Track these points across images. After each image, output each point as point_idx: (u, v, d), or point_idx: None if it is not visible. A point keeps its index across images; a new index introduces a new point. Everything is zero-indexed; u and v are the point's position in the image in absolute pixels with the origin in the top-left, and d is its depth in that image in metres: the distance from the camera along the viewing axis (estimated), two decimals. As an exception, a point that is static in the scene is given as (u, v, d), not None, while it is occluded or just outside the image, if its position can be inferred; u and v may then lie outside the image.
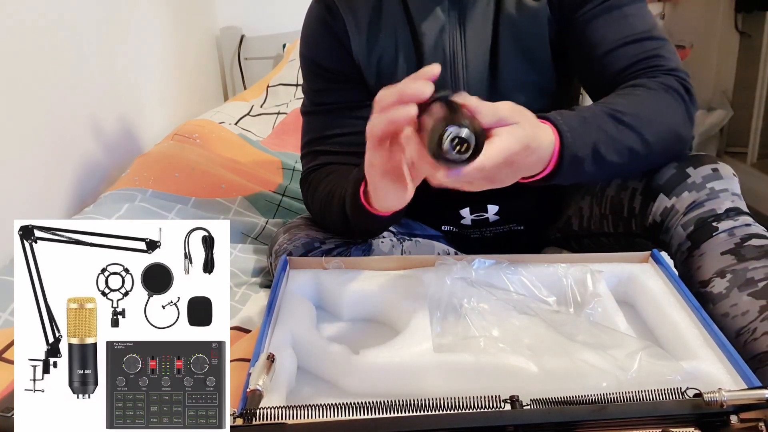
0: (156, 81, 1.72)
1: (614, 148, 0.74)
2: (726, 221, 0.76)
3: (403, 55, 0.90)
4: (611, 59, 0.83)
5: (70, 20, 1.31)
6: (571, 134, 0.70)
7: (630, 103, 0.77)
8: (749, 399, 0.47)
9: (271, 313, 0.72)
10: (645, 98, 0.78)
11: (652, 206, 0.82)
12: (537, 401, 0.50)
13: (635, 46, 0.82)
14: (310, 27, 0.95)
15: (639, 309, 0.78)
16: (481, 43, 0.88)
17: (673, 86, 0.79)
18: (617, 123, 0.74)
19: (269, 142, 1.64)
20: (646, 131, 0.76)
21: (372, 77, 0.93)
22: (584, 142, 0.71)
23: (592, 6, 0.84)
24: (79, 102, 1.32)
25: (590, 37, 0.84)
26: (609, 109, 0.75)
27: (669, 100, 0.78)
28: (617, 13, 0.83)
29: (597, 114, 0.75)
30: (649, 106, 0.77)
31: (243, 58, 2.26)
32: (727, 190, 0.78)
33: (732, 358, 0.62)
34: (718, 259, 0.74)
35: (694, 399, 0.48)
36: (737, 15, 2.59)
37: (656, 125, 0.77)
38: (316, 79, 0.95)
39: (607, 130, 0.74)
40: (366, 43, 0.91)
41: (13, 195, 1.09)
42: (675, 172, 0.80)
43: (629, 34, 0.82)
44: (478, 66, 0.89)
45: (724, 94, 2.71)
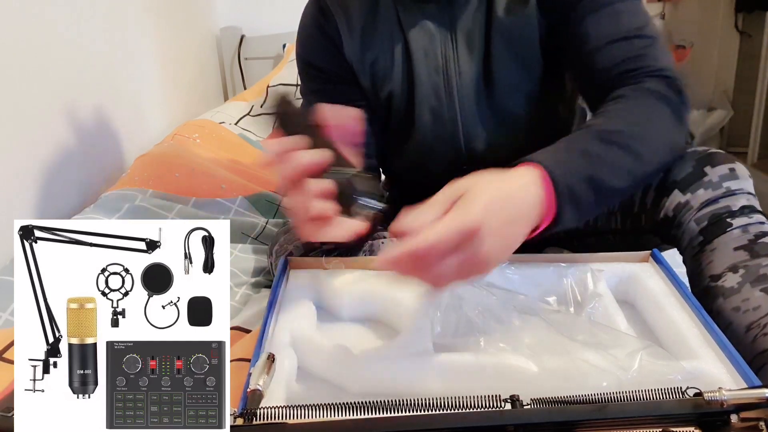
0: (156, 81, 1.72)
1: (611, 172, 0.69)
2: (740, 218, 0.76)
3: (397, 62, 0.90)
4: (599, 58, 0.81)
5: (70, 20, 1.31)
6: (558, 168, 0.63)
7: (616, 121, 0.73)
8: (750, 398, 0.47)
9: (271, 313, 0.72)
10: (630, 112, 0.75)
11: (665, 201, 0.81)
12: (537, 401, 0.50)
13: (623, 44, 0.80)
14: (305, 28, 0.95)
15: (639, 309, 0.78)
16: (473, 49, 0.87)
17: (659, 91, 0.76)
18: (607, 145, 0.69)
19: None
20: (638, 147, 0.71)
21: (366, 80, 0.93)
22: (576, 172, 0.65)
23: (582, 5, 0.82)
24: (79, 102, 1.32)
25: (579, 36, 0.82)
26: (595, 132, 0.71)
27: (656, 108, 0.75)
28: (607, 11, 0.81)
29: (582, 139, 0.70)
30: (636, 120, 0.74)
31: (243, 58, 2.26)
32: (742, 189, 0.78)
33: (732, 357, 0.62)
34: (731, 254, 0.74)
35: (695, 398, 0.48)
36: (737, 15, 2.60)
37: (647, 139, 0.73)
38: (312, 81, 0.96)
39: (598, 154, 0.68)
40: (359, 46, 0.90)
41: (13, 195, 1.09)
42: (692, 170, 0.80)
43: (617, 31, 0.80)
44: (471, 72, 0.88)
45: (724, 94, 2.71)
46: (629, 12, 0.81)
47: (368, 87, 0.93)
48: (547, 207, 0.62)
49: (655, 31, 0.82)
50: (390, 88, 0.92)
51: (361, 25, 0.89)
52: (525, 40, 0.86)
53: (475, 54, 0.87)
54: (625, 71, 0.79)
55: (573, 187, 0.64)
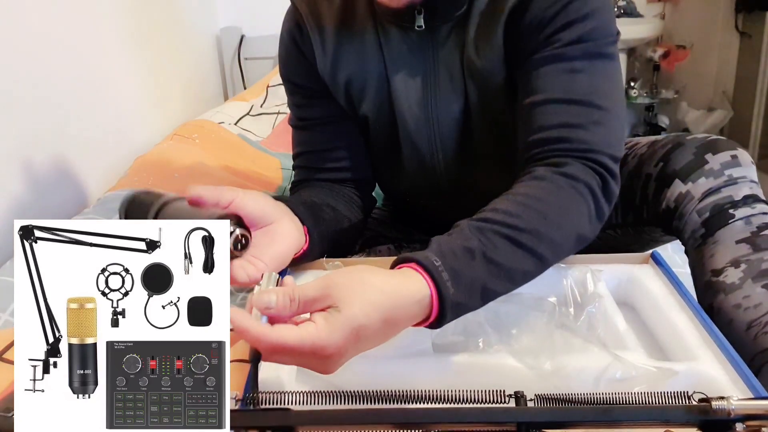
0: (156, 81, 1.72)
1: (508, 280, 0.63)
2: (743, 208, 0.74)
3: (374, 87, 0.86)
4: (536, 114, 0.73)
5: (70, 20, 1.31)
6: (454, 282, 0.58)
7: (531, 214, 0.65)
8: (758, 409, 0.46)
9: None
10: (548, 204, 0.66)
11: (666, 192, 0.79)
12: (541, 398, 0.49)
13: (564, 107, 0.72)
14: (282, 42, 0.92)
15: (639, 310, 0.78)
16: (454, 85, 0.83)
17: (582, 179, 0.68)
18: (515, 248, 0.63)
19: (269, 143, 1.64)
20: (544, 251, 0.65)
21: (341, 98, 0.90)
22: (471, 286, 0.59)
23: (543, 52, 0.74)
24: (78, 102, 1.32)
25: (528, 85, 0.75)
26: (506, 227, 0.63)
27: (574, 200, 0.68)
28: (563, 66, 0.73)
29: (493, 237, 0.63)
30: (550, 212, 0.66)
31: (243, 58, 2.26)
32: (745, 177, 0.76)
33: (732, 359, 0.62)
34: (732, 247, 0.73)
35: (701, 405, 0.47)
36: (737, 15, 2.60)
37: (555, 242, 0.66)
38: (293, 95, 0.94)
39: (502, 264, 0.62)
40: (330, 64, 0.87)
41: (13, 195, 1.09)
42: (693, 158, 0.78)
43: (565, 92, 0.72)
44: (451, 108, 0.84)
45: (724, 94, 2.72)
46: (589, 73, 0.73)
47: (344, 103, 0.90)
48: (430, 317, 0.58)
49: (615, 99, 0.74)
50: (365, 111, 0.89)
51: (335, 43, 0.86)
52: (493, 81, 0.81)
53: (455, 92, 0.83)
54: (556, 139, 0.71)
55: (461, 303, 0.59)
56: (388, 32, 0.83)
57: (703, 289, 0.75)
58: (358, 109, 0.90)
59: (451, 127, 0.86)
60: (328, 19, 0.86)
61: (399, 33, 0.83)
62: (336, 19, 0.85)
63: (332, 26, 0.86)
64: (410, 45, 0.83)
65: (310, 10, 0.86)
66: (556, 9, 0.73)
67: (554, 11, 0.73)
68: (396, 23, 0.82)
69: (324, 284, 0.54)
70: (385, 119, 0.89)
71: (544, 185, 0.68)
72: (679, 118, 2.80)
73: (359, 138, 0.94)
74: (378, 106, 0.88)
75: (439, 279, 0.57)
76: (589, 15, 0.73)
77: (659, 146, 0.83)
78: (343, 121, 0.92)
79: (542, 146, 0.72)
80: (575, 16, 0.72)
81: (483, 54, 0.79)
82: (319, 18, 0.86)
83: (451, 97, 0.84)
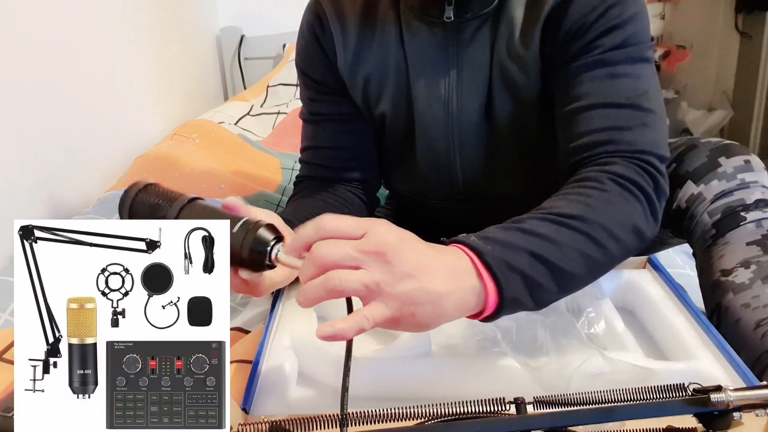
0: (156, 81, 1.72)
1: (560, 253, 0.58)
2: (754, 212, 0.75)
3: (392, 84, 0.85)
4: (580, 119, 0.73)
5: (70, 19, 1.31)
6: (491, 246, 0.56)
7: (574, 204, 0.63)
8: (756, 399, 0.47)
9: (273, 316, 0.72)
10: (594, 197, 0.65)
11: (678, 192, 0.80)
12: (540, 401, 0.49)
13: (610, 111, 0.71)
14: (302, 36, 0.91)
15: (638, 314, 0.78)
16: (477, 85, 0.82)
17: (631, 179, 0.67)
18: (558, 226, 0.60)
19: (269, 142, 1.64)
20: (597, 232, 0.61)
21: (357, 96, 0.89)
22: (514, 250, 0.56)
23: (584, 58, 0.73)
24: (78, 102, 1.32)
25: (570, 92, 0.74)
26: (546, 214, 0.62)
27: (626, 197, 0.66)
28: (605, 71, 0.72)
29: (528, 220, 0.61)
30: (599, 205, 0.64)
31: (243, 58, 2.26)
32: (757, 182, 0.77)
33: (731, 358, 0.62)
34: (743, 249, 0.74)
35: (699, 397, 0.48)
36: (737, 15, 2.60)
37: (609, 224, 0.63)
38: (307, 89, 0.94)
39: (545, 233, 0.59)
40: (352, 60, 0.86)
41: (13, 195, 1.09)
42: (706, 160, 0.78)
43: (610, 96, 0.72)
44: (472, 108, 0.83)
45: (724, 94, 2.72)
46: (632, 76, 0.73)
47: (360, 102, 0.90)
48: (484, 284, 0.54)
49: (658, 102, 0.73)
50: (383, 109, 0.88)
51: (357, 37, 0.85)
52: (523, 83, 0.80)
53: (478, 91, 0.82)
54: (603, 142, 0.70)
55: (509, 261, 0.55)
56: (411, 27, 0.83)
57: (711, 289, 0.76)
58: (374, 107, 0.89)
59: (470, 126, 0.85)
60: (351, 13, 0.85)
61: (423, 28, 0.82)
62: (359, 13, 0.85)
63: (354, 21, 0.85)
64: (434, 40, 0.82)
65: (332, 3, 0.86)
66: (596, 15, 0.73)
67: (594, 17, 0.73)
68: (421, 17, 0.82)
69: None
70: (403, 116, 0.88)
71: (595, 185, 0.67)
72: (679, 118, 2.80)
73: (369, 138, 0.93)
74: (396, 102, 0.87)
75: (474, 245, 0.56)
76: (629, 20, 0.73)
77: (672, 148, 0.83)
78: (354, 120, 0.92)
79: (590, 150, 0.71)
80: (616, 22, 0.72)
81: (519, 62, 0.79)
82: (341, 12, 0.85)
83: (473, 95, 0.83)
